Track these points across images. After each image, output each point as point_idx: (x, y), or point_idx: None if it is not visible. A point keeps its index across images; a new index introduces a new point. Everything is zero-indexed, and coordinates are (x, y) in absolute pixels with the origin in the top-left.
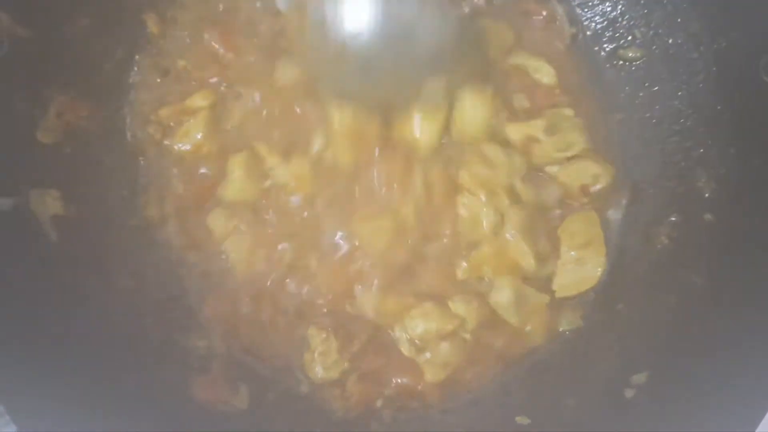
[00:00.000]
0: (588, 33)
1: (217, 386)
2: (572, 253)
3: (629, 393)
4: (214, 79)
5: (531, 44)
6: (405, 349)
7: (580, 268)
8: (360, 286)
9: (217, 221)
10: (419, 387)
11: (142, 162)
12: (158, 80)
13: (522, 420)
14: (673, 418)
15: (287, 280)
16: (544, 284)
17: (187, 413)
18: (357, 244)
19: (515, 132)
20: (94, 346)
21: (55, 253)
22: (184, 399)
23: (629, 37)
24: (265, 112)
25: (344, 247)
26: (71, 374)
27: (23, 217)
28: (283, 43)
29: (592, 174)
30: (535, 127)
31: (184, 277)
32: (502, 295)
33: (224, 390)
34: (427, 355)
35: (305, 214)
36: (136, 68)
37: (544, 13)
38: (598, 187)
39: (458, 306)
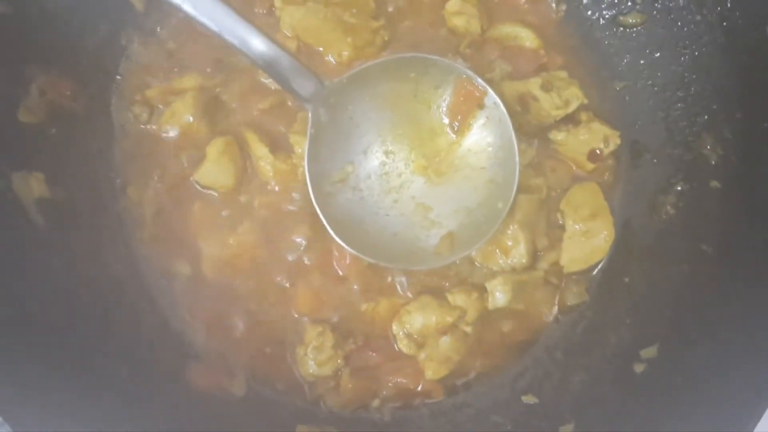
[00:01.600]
0: (585, 1)
1: (213, 373)
2: (578, 226)
3: (639, 368)
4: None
5: (519, 17)
6: (404, 346)
7: (588, 240)
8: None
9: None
10: (420, 387)
11: (128, 143)
12: (147, 59)
13: (529, 399)
14: (684, 392)
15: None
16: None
17: (184, 401)
18: None
19: (511, 90)
20: (87, 334)
21: (43, 238)
22: (180, 386)
23: (629, 3)
24: (257, 105)
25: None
26: (63, 363)
27: (7, 200)
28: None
29: (602, 136)
30: (531, 85)
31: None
32: (500, 299)
33: (220, 376)
34: (427, 351)
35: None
36: (122, 45)
37: None
38: (608, 150)
39: (457, 298)
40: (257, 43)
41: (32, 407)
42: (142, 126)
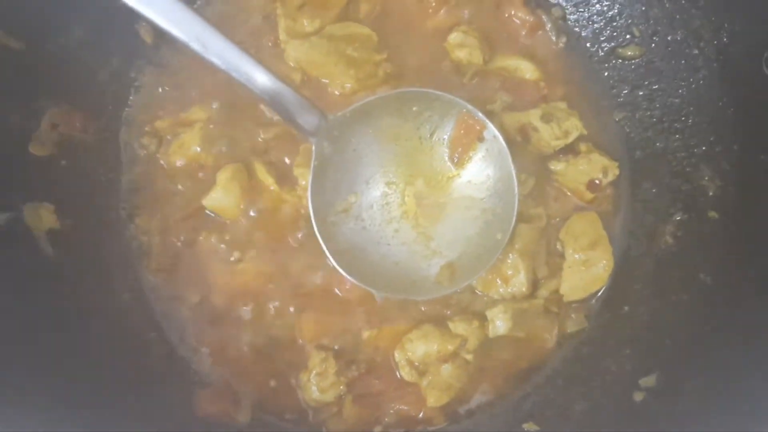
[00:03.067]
0: (585, 33)
1: (219, 400)
2: (577, 255)
3: (638, 396)
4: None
5: (520, 48)
6: (406, 374)
7: (588, 270)
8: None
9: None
10: (421, 414)
11: (136, 174)
12: (156, 91)
13: (530, 427)
14: (683, 420)
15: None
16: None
17: (189, 428)
18: None
19: (512, 121)
20: (95, 362)
21: (53, 268)
22: (186, 414)
23: (627, 36)
24: (262, 135)
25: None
26: (71, 391)
27: (18, 231)
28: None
29: (601, 167)
30: (531, 115)
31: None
32: (500, 327)
33: (226, 403)
34: (429, 378)
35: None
36: (132, 77)
37: (530, 18)
38: (607, 181)
39: (458, 326)
40: (262, 79)
41: None
42: (151, 157)
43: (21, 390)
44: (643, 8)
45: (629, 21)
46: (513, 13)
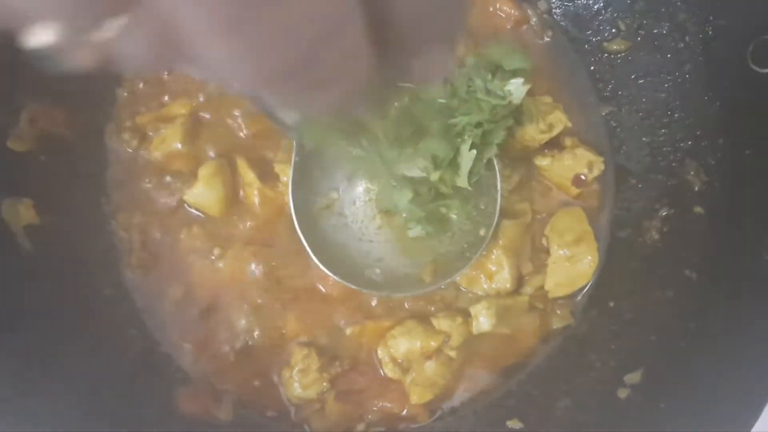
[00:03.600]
0: (570, 27)
1: (200, 397)
2: (562, 251)
3: (623, 393)
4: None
5: (503, 40)
6: (389, 371)
7: (573, 266)
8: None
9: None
10: (405, 411)
11: (118, 169)
12: (138, 87)
13: (514, 424)
14: (668, 418)
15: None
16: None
17: (170, 426)
18: None
19: None
20: (74, 359)
21: (31, 264)
22: (166, 412)
23: (613, 30)
24: (244, 131)
25: None
26: (48, 388)
27: None
28: None
29: (587, 162)
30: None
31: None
32: (484, 324)
33: (207, 401)
34: (412, 375)
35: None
36: (116, 72)
37: (516, 12)
38: (592, 176)
39: (442, 323)
40: None
41: None
42: (132, 152)
43: None
44: (629, 1)
45: (615, 15)
46: (498, 6)
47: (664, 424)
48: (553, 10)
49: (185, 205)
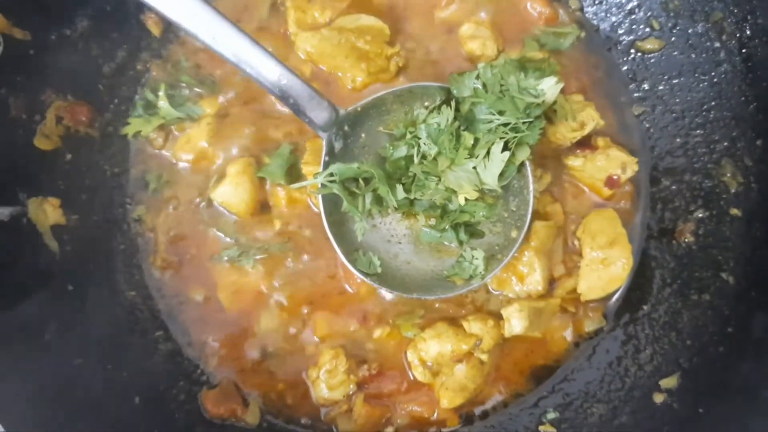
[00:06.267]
0: (602, 26)
1: (227, 400)
2: (595, 253)
3: (659, 398)
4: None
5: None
6: (419, 374)
7: (606, 268)
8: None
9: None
10: (435, 415)
11: (143, 169)
12: (162, 84)
13: (547, 429)
14: (706, 423)
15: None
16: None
17: (197, 430)
18: None
19: None
20: (100, 360)
21: (58, 264)
22: (193, 415)
23: (646, 28)
24: (270, 129)
25: None
26: (75, 390)
27: (22, 227)
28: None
29: (620, 162)
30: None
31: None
32: (516, 326)
33: (233, 404)
34: (443, 379)
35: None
36: (139, 71)
37: (547, 10)
38: (625, 177)
39: (473, 325)
40: (274, 72)
41: None
42: (157, 151)
43: (22, 389)
44: (663, 0)
45: (648, 13)
46: (530, 4)
47: (702, 430)
48: (585, 9)
49: (212, 203)
